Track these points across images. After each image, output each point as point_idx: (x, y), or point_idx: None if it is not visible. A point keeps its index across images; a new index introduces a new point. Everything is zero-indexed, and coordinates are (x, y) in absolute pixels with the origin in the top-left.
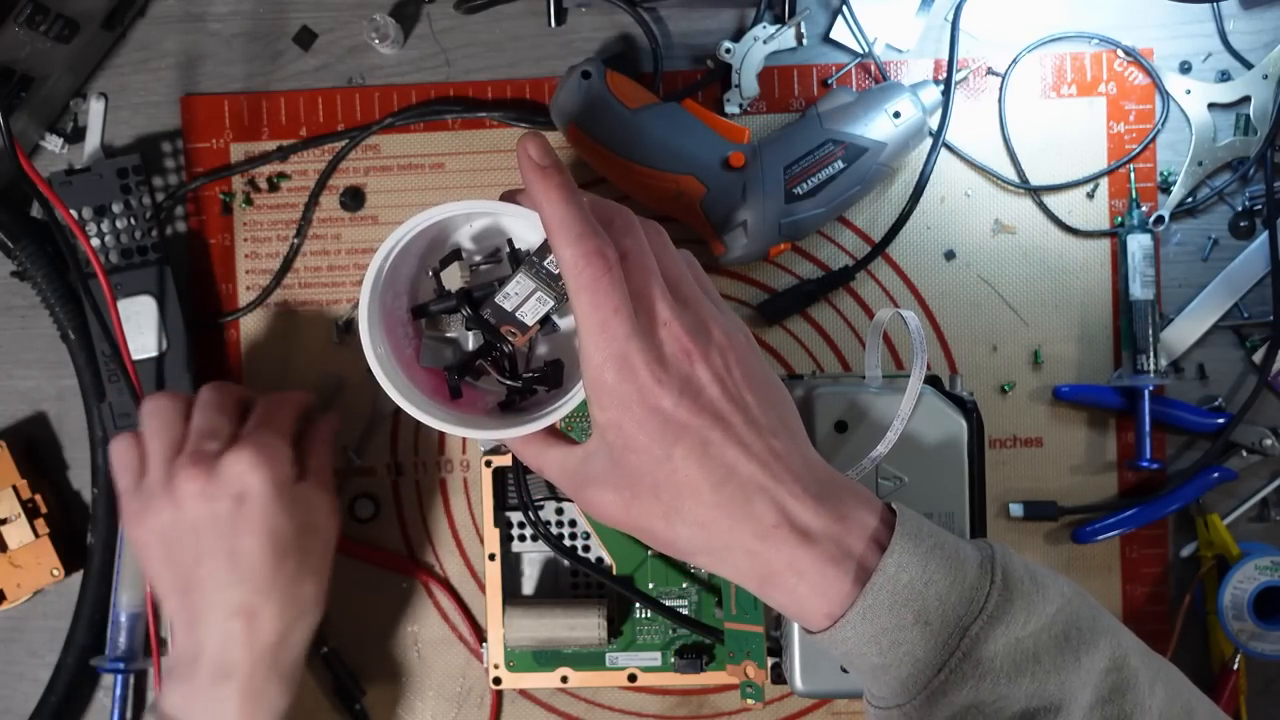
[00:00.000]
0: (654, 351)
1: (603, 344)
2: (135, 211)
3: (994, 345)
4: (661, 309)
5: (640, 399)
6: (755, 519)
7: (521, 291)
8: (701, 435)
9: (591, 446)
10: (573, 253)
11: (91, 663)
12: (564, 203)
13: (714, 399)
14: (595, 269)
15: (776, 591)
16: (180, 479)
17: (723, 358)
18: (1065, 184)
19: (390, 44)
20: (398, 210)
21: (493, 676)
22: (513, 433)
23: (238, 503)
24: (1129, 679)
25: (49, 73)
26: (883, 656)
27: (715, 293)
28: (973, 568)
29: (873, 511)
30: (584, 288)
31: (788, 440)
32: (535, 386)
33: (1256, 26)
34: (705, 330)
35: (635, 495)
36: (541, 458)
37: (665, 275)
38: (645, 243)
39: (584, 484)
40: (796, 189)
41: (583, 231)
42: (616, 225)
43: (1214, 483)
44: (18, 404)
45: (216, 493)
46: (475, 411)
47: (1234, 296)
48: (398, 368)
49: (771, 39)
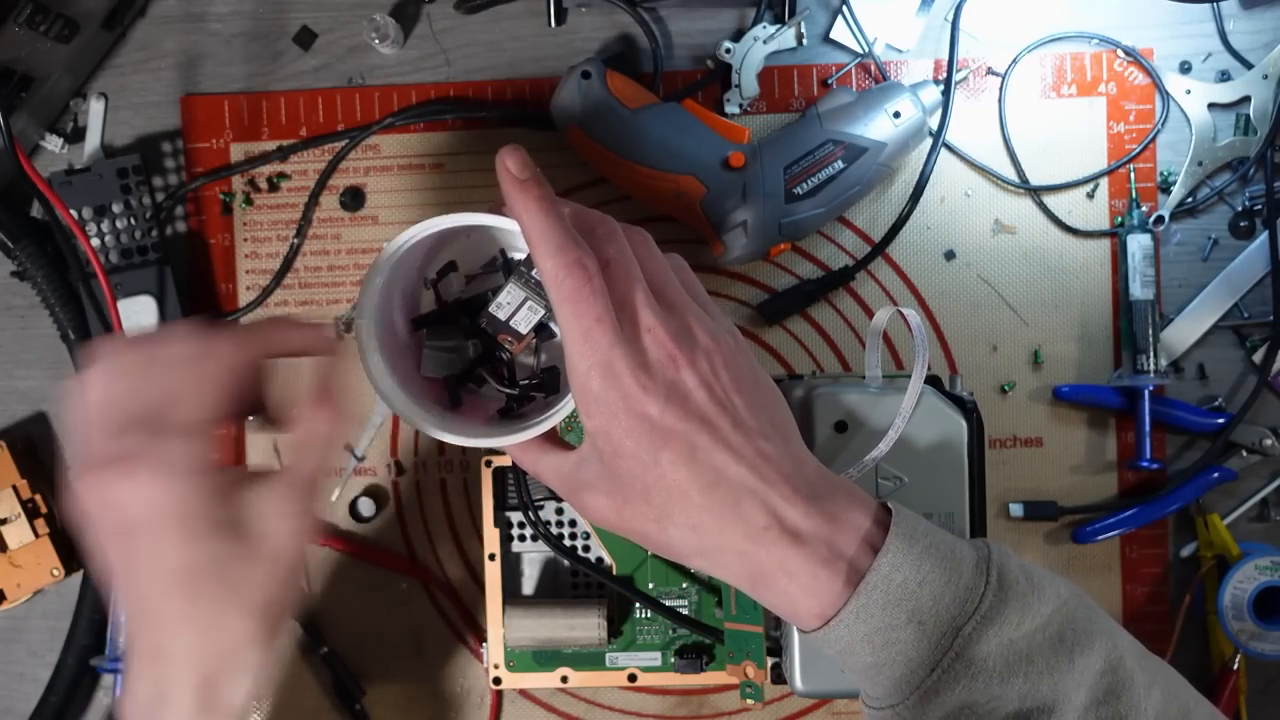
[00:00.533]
0: (638, 358)
1: (587, 353)
2: (135, 211)
3: (994, 345)
4: (645, 315)
5: (626, 406)
6: (745, 521)
7: (513, 301)
8: (689, 440)
9: (584, 452)
10: (553, 264)
11: (91, 663)
12: (543, 214)
13: (700, 403)
14: (576, 280)
15: (768, 592)
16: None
17: (709, 362)
18: (1065, 184)
19: (390, 44)
20: (398, 210)
21: (493, 676)
22: (507, 440)
23: (125, 537)
24: (1124, 680)
25: (49, 73)
26: (876, 656)
27: (705, 296)
28: (968, 568)
29: (866, 512)
30: (565, 299)
31: (778, 442)
32: (533, 394)
33: (1256, 26)
34: (690, 335)
35: (627, 500)
36: (538, 463)
37: (650, 281)
38: (628, 250)
39: (578, 489)
40: (796, 189)
41: (563, 243)
42: (599, 233)
43: (1214, 483)
44: (18, 404)
45: (108, 517)
46: (475, 419)
47: (1234, 296)
48: (396, 379)
49: (771, 39)
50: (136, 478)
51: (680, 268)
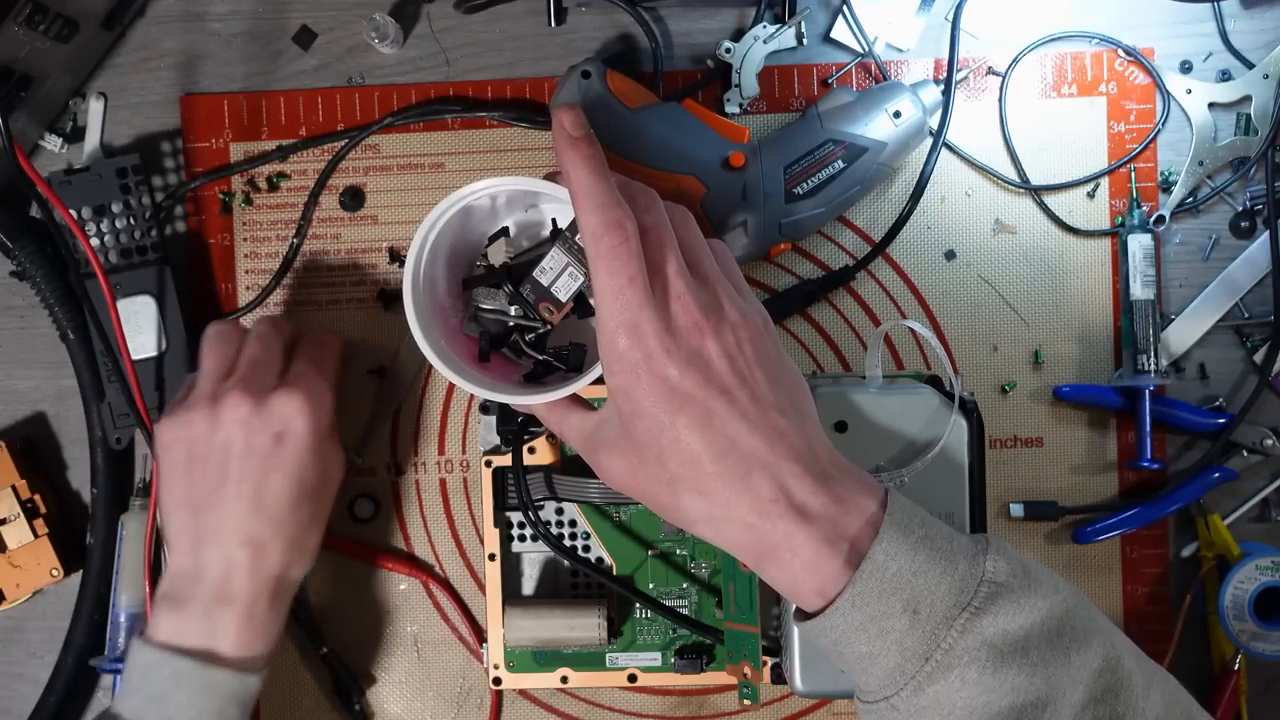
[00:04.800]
0: (665, 322)
1: (616, 310)
2: (135, 211)
3: (994, 345)
4: (676, 283)
5: (648, 366)
6: (754, 492)
7: (556, 266)
8: (706, 407)
9: (605, 413)
10: (594, 220)
11: (91, 663)
12: (590, 172)
13: (721, 373)
14: (614, 238)
15: (772, 566)
16: (227, 401)
17: (735, 335)
18: (1066, 184)
19: (390, 44)
20: (398, 210)
21: (493, 677)
22: (540, 398)
23: (277, 441)
24: (1123, 681)
25: (48, 72)
26: (870, 645)
27: (740, 279)
28: (964, 559)
29: (874, 498)
30: (601, 255)
31: (795, 420)
32: (557, 366)
33: (1257, 26)
34: (719, 308)
35: (642, 462)
36: (563, 423)
37: (685, 254)
38: (666, 220)
39: (596, 448)
40: (796, 189)
41: (605, 201)
42: (639, 202)
43: (1215, 483)
44: (17, 404)
45: (260, 425)
46: (504, 381)
47: (1235, 296)
48: (436, 331)
49: (771, 39)
50: (294, 398)
51: (721, 252)
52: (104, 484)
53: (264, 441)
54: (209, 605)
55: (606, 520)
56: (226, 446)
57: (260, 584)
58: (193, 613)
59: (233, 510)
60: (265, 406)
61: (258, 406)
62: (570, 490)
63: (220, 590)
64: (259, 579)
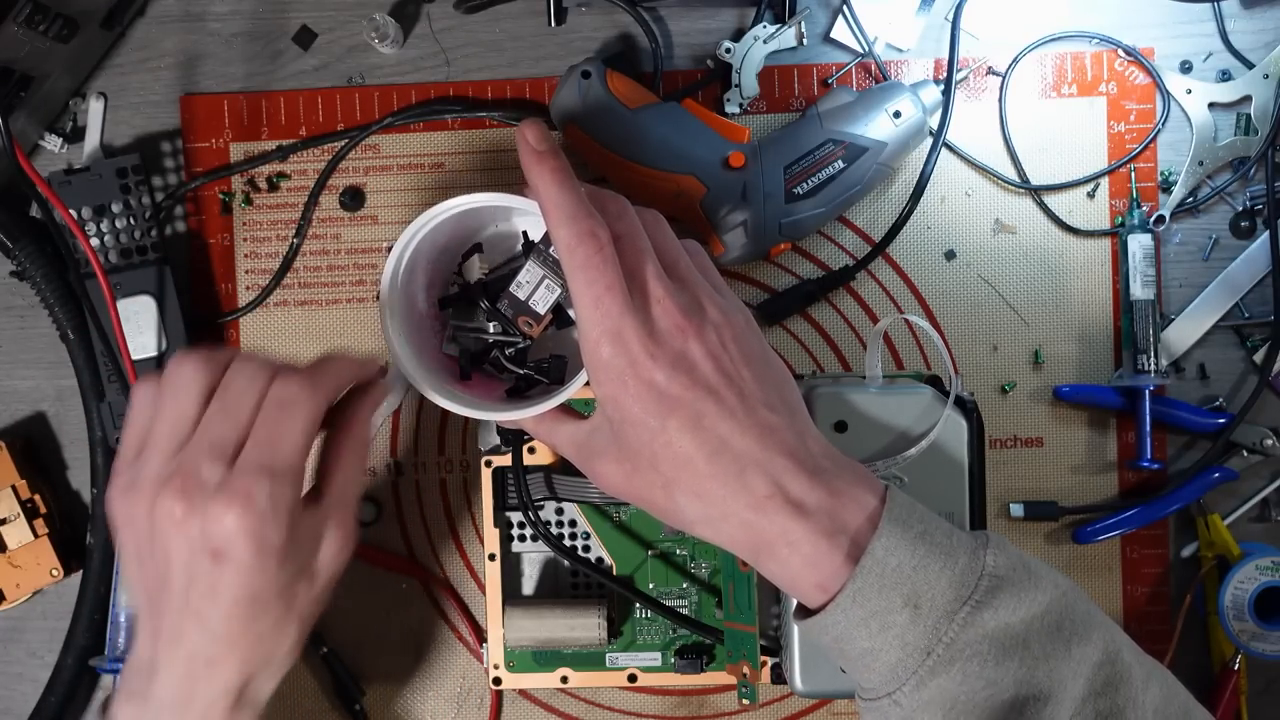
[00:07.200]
0: (647, 327)
1: (597, 320)
2: (134, 211)
3: (994, 345)
4: (655, 287)
5: (634, 373)
6: (749, 490)
7: (532, 279)
8: (695, 408)
9: (595, 421)
10: (566, 232)
11: (91, 663)
12: (558, 185)
13: (707, 374)
14: (588, 248)
15: (771, 562)
16: (163, 501)
17: (718, 335)
18: (1065, 184)
19: (390, 44)
20: (398, 210)
21: (493, 677)
22: (526, 413)
23: (214, 560)
24: (1123, 674)
25: (48, 72)
26: (872, 640)
27: (718, 277)
28: (964, 554)
29: (872, 491)
30: (578, 266)
31: (784, 415)
32: (539, 378)
33: (1257, 26)
34: (700, 309)
35: (636, 467)
36: (554, 433)
37: (661, 257)
38: (639, 225)
39: (589, 457)
40: (796, 189)
41: (575, 212)
42: (610, 210)
43: (1215, 483)
44: (17, 404)
45: (198, 537)
46: (486, 396)
47: (1235, 296)
48: (416, 353)
49: (771, 39)
50: (231, 511)
51: (696, 252)
52: (104, 484)
53: (202, 560)
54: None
55: (606, 520)
56: (166, 555)
57: (215, 696)
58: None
59: (179, 621)
60: (203, 514)
61: (191, 512)
62: (570, 490)
63: (175, 698)
64: (213, 690)
